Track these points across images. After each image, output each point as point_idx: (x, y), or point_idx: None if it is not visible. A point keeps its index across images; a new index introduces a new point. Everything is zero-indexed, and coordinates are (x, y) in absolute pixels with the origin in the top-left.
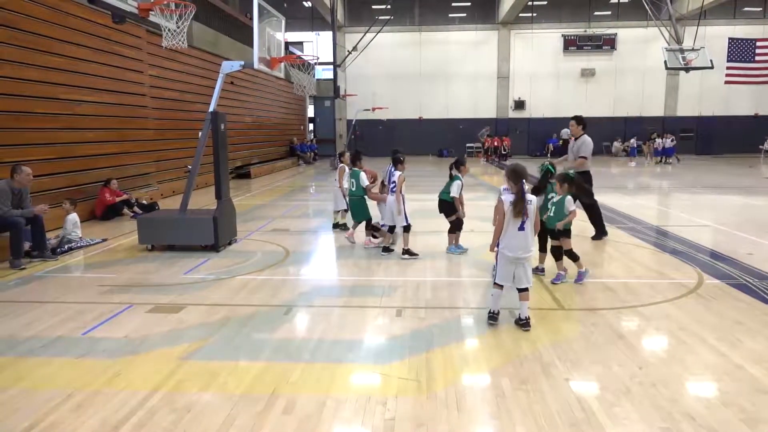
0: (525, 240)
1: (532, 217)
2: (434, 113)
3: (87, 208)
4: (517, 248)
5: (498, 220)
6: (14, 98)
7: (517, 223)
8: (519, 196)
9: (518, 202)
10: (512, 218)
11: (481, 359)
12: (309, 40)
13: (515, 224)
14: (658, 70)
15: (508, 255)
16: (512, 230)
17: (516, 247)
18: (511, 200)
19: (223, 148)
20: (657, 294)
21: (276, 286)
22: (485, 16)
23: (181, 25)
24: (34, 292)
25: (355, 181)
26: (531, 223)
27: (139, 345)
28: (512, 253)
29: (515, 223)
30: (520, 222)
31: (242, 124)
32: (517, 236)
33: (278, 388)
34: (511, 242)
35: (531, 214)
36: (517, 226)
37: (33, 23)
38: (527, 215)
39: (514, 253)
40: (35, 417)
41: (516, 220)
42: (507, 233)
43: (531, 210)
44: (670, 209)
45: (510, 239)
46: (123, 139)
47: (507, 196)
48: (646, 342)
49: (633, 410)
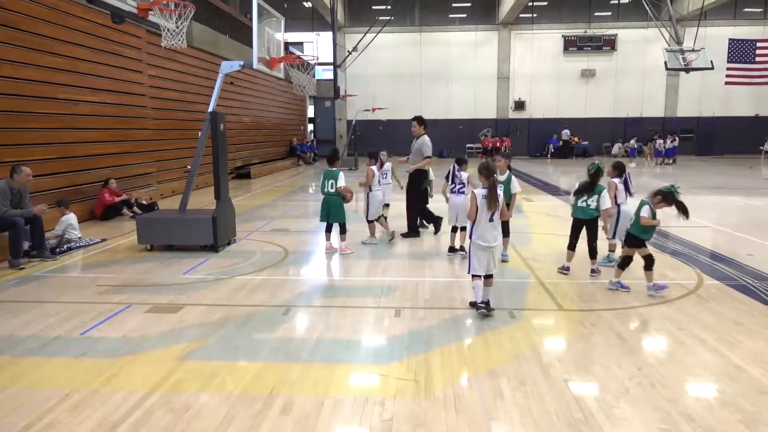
0: (495, 230)
1: (499, 207)
2: (434, 114)
3: (86, 208)
4: (489, 238)
5: (469, 212)
6: (14, 98)
7: (488, 215)
8: (492, 189)
9: (492, 194)
10: (484, 210)
11: (480, 360)
12: (309, 40)
13: (486, 216)
14: (659, 70)
15: (481, 245)
16: (484, 222)
17: (488, 237)
18: (484, 194)
19: (222, 148)
20: (657, 295)
21: (275, 286)
22: (485, 17)
23: (180, 25)
24: (33, 291)
25: (334, 182)
26: (499, 213)
27: (137, 345)
28: (485, 242)
29: (487, 214)
30: (491, 214)
31: (242, 124)
32: (488, 227)
33: (276, 388)
34: (483, 233)
35: (500, 205)
36: (488, 218)
37: (33, 23)
38: (497, 206)
39: (486, 242)
40: (33, 416)
41: (488, 212)
42: (479, 225)
43: (499, 201)
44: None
45: (482, 230)
46: (122, 139)
47: (479, 190)
48: (645, 343)
49: (632, 411)
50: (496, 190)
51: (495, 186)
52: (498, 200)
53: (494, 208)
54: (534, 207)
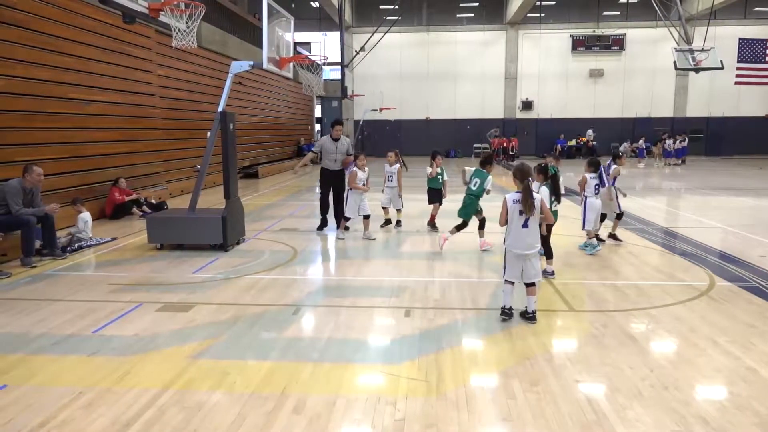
0: (529, 237)
1: (537, 213)
2: (441, 114)
3: (96, 207)
4: (523, 246)
5: (501, 218)
6: (26, 98)
7: (521, 221)
8: (526, 193)
9: (526, 199)
10: (516, 216)
11: (491, 360)
12: (317, 40)
13: (519, 222)
14: (668, 70)
15: (514, 252)
16: (516, 228)
17: (521, 245)
18: (516, 198)
19: (232, 147)
20: (668, 296)
21: (284, 286)
22: (493, 17)
23: (190, 25)
24: (45, 290)
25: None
26: (536, 220)
27: (149, 343)
28: (518, 250)
29: (519, 220)
30: (524, 219)
31: (250, 124)
32: (521, 233)
33: (288, 388)
34: (516, 240)
35: (536, 210)
36: (521, 224)
37: (44, 23)
38: (533, 211)
39: (519, 250)
40: (47, 414)
41: (520, 218)
42: (511, 232)
43: (536, 206)
44: (680, 211)
45: (515, 237)
46: (132, 138)
47: (511, 194)
48: (657, 344)
49: (645, 413)
50: (530, 195)
51: (529, 190)
52: (533, 206)
53: (529, 214)
54: None
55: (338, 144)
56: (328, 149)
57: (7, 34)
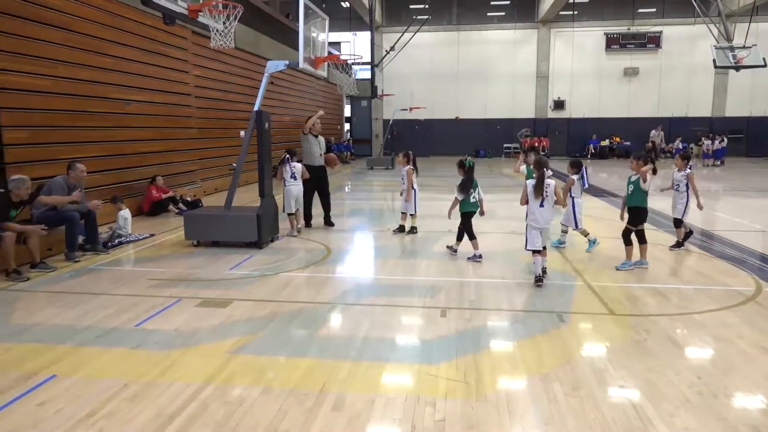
0: (546, 214)
1: (551, 196)
2: (471, 113)
3: (134, 204)
4: (541, 221)
5: (521, 198)
6: (70, 97)
7: (538, 202)
8: (540, 180)
9: (538, 185)
10: (534, 198)
11: (531, 363)
12: (346, 40)
13: (536, 203)
14: (706, 68)
15: (534, 226)
16: (535, 207)
17: (540, 220)
18: (533, 184)
19: (266, 146)
20: (712, 301)
21: (319, 284)
22: (525, 15)
23: (228, 26)
24: (88, 284)
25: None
26: (550, 201)
27: (189, 338)
28: (537, 225)
29: (536, 202)
30: (540, 200)
31: (281, 123)
32: (539, 211)
33: (327, 385)
34: (535, 217)
35: (550, 193)
36: (538, 204)
37: (86, 25)
38: (545, 195)
39: (539, 224)
40: (95, 404)
41: (537, 199)
42: (532, 210)
43: (550, 191)
44: (719, 213)
45: (534, 214)
46: (168, 137)
47: (530, 181)
48: (703, 350)
49: (694, 421)
50: (543, 182)
51: (543, 178)
52: (545, 191)
53: (540, 197)
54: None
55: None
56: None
57: (52, 36)
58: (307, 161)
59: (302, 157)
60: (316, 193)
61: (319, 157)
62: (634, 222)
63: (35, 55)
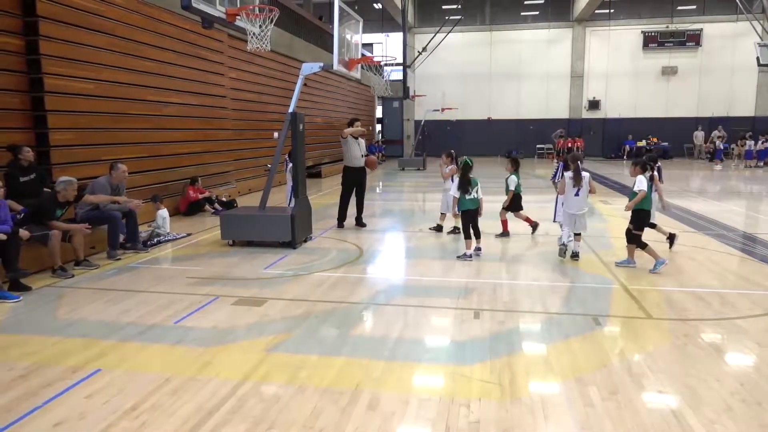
0: (580, 202)
1: (586, 186)
2: (504, 114)
3: (172, 204)
4: (575, 207)
5: (560, 188)
6: (112, 100)
7: (573, 191)
8: (577, 172)
9: (577, 175)
10: (571, 188)
11: (566, 366)
12: (378, 41)
13: (572, 192)
14: (749, 67)
15: (569, 212)
16: (570, 196)
17: (574, 207)
18: (571, 175)
19: (301, 147)
20: (756, 306)
21: (352, 284)
22: (559, 14)
23: (264, 29)
24: (129, 281)
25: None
26: (585, 190)
27: (226, 335)
28: (571, 210)
29: (572, 191)
30: (576, 190)
31: (314, 124)
32: (574, 199)
33: (361, 384)
34: (570, 204)
35: (585, 184)
36: (574, 193)
37: (128, 30)
38: (582, 185)
39: (572, 210)
40: (138, 398)
41: (573, 189)
42: (568, 198)
43: (585, 181)
44: (762, 215)
45: (569, 202)
46: (205, 138)
47: (568, 173)
48: (746, 357)
49: (735, 428)
50: (580, 173)
51: (579, 170)
52: (582, 180)
53: (578, 186)
54: (612, 210)
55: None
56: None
57: (96, 41)
58: (347, 163)
59: (343, 158)
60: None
61: (361, 158)
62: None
63: (81, 60)
